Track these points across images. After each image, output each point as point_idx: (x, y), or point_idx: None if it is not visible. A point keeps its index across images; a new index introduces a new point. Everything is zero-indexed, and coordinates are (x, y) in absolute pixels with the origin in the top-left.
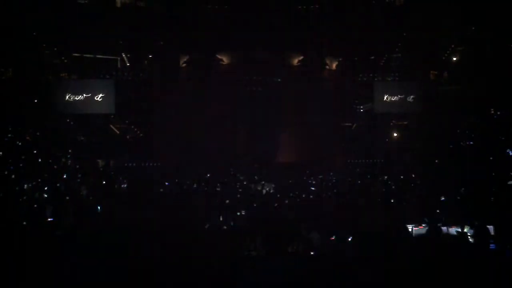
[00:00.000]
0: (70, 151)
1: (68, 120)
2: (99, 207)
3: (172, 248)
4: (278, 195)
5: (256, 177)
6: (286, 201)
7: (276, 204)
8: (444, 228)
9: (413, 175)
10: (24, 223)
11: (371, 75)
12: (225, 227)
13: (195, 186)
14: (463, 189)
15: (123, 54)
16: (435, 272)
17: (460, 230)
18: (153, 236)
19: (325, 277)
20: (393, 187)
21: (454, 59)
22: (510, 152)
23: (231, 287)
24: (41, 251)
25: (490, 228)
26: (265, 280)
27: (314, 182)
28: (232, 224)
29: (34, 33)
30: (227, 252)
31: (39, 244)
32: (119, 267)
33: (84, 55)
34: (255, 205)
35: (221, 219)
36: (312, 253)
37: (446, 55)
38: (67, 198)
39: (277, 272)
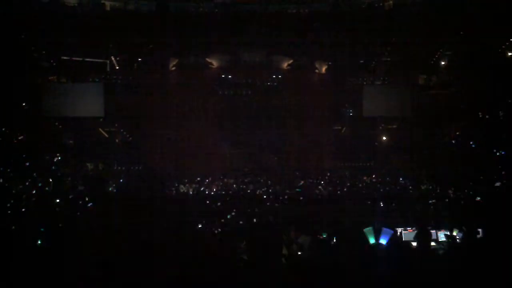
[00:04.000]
0: (58, 154)
1: (56, 124)
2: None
3: (164, 251)
4: (268, 198)
5: (246, 180)
6: (276, 204)
7: (268, 203)
8: (433, 232)
9: (401, 179)
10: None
11: (360, 78)
12: (217, 230)
13: (184, 189)
14: (451, 191)
15: (112, 57)
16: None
17: (449, 233)
18: (144, 239)
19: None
20: (382, 190)
21: (443, 63)
22: (498, 153)
23: None
24: (28, 254)
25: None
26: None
27: (303, 185)
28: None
29: (23, 36)
30: (219, 254)
31: (26, 248)
32: (110, 269)
33: (73, 58)
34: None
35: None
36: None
37: (434, 59)
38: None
39: (268, 275)
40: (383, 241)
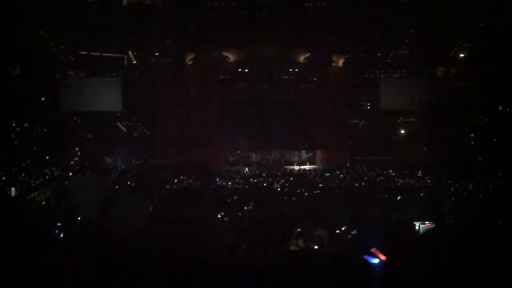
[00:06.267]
0: (77, 149)
1: (75, 118)
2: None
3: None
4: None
5: (262, 173)
6: (293, 198)
7: (285, 197)
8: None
9: (420, 172)
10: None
11: (377, 71)
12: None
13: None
14: (470, 186)
15: (129, 51)
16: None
17: None
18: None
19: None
20: (399, 183)
21: (462, 55)
22: None
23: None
24: (46, 248)
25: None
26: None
27: (320, 179)
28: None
29: (41, 31)
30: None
31: (44, 242)
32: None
33: (91, 53)
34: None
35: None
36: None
37: (453, 51)
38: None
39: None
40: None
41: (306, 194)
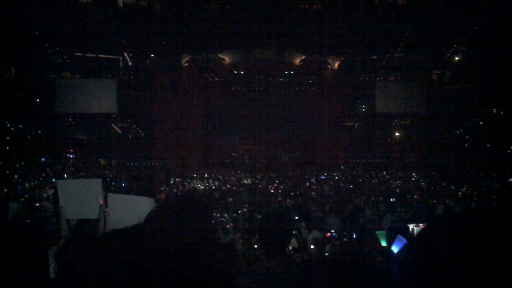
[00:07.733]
0: (72, 150)
1: (70, 120)
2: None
3: (171, 245)
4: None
5: (258, 176)
6: (288, 200)
7: (279, 199)
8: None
9: (414, 174)
10: (27, 221)
11: (373, 74)
12: (227, 226)
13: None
14: (464, 188)
15: (125, 53)
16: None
17: None
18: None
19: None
20: (393, 186)
21: (457, 58)
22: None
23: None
24: (41, 250)
25: None
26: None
27: (315, 182)
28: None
29: (37, 33)
30: (226, 250)
31: (39, 243)
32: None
33: (87, 55)
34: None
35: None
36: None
37: (448, 55)
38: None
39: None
40: (395, 249)
41: (301, 197)
